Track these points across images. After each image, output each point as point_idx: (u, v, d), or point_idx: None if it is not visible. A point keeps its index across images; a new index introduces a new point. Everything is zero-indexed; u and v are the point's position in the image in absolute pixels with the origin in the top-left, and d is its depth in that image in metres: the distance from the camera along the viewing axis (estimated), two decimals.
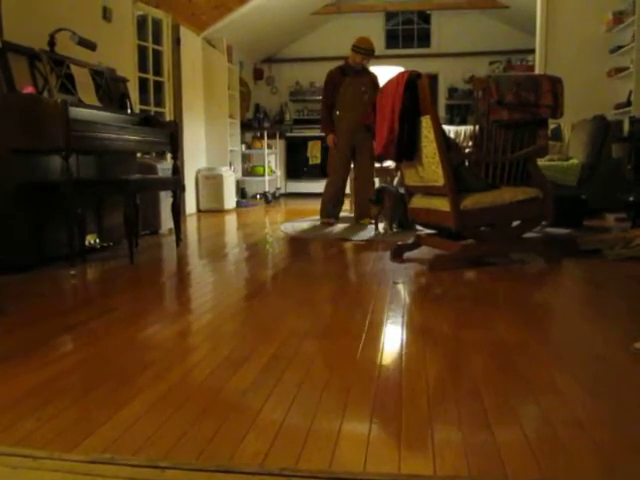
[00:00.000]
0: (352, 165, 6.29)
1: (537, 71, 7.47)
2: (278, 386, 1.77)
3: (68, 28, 4.39)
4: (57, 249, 3.91)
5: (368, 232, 5.46)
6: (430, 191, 3.89)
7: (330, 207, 6.25)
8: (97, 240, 4.45)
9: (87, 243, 4.30)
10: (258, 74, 11.78)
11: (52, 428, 1.49)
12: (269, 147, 10.28)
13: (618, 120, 6.48)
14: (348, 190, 6.55)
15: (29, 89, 3.82)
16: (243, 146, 10.36)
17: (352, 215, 6.46)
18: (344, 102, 6.12)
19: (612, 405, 1.61)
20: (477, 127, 3.85)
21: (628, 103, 6.71)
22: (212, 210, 8.19)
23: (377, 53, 10.06)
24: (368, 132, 5.88)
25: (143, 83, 6.89)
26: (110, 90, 4.80)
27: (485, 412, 1.55)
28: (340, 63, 6.29)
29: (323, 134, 6.42)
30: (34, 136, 3.59)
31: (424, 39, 11.38)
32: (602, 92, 7.10)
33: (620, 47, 6.95)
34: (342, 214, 6.47)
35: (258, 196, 10.39)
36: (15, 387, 1.78)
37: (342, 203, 6.35)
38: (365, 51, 6.05)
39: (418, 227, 4.87)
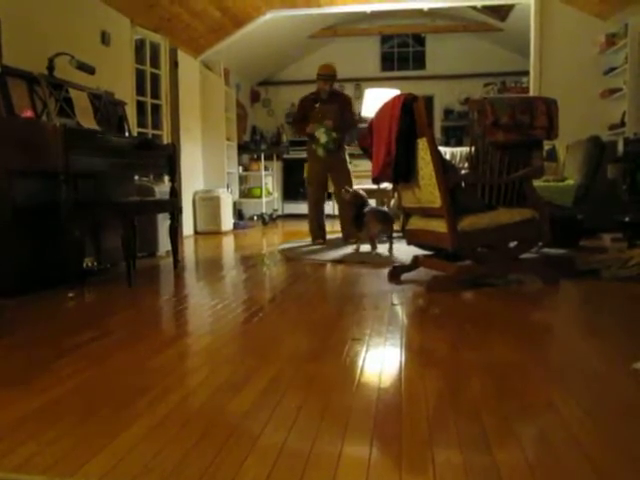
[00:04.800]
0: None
1: (532, 93, 7.54)
2: (278, 409, 1.76)
3: (67, 52, 4.43)
4: (55, 272, 3.91)
5: (363, 253, 5.47)
6: (427, 212, 3.91)
7: (316, 229, 6.46)
8: (95, 262, 4.45)
9: (85, 265, 4.30)
10: (255, 96, 11.86)
11: (52, 453, 1.49)
12: (266, 169, 10.33)
13: (613, 141, 6.54)
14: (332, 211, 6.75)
15: (28, 113, 3.85)
16: (240, 168, 10.40)
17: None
18: None
19: (611, 425, 1.61)
20: (473, 148, 3.88)
21: (622, 124, 6.77)
22: (209, 232, 8.19)
23: (373, 75, 10.12)
24: (341, 152, 6.13)
25: (141, 106, 6.94)
26: (108, 113, 4.83)
27: (485, 433, 1.55)
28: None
29: (304, 138, 6.63)
30: (33, 159, 3.61)
31: (419, 61, 11.50)
32: (596, 113, 7.17)
33: (613, 69, 7.03)
34: (333, 235, 6.59)
35: (255, 217, 10.41)
36: (14, 411, 1.77)
37: (324, 226, 6.61)
38: (323, 77, 6.36)
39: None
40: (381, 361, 2.30)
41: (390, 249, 5.38)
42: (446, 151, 6.95)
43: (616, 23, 6.99)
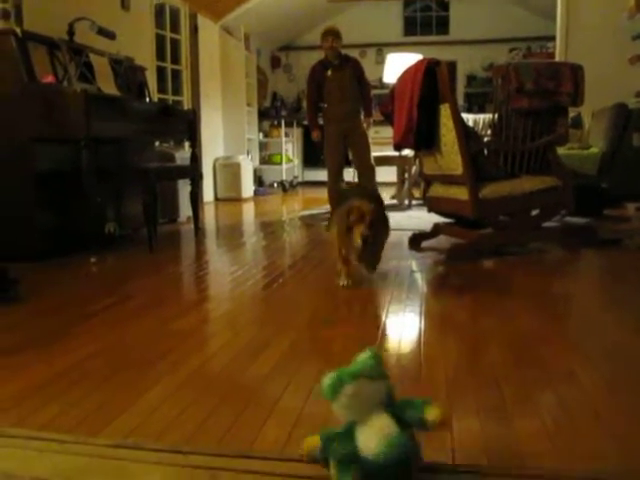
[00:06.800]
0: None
1: (557, 58, 7.37)
2: (298, 373, 1.78)
3: (87, 17, 4.40)
4: (77, 237, 3.95)
5: None
6: (448, 180, 3.87)
7: (336, 197, 6.35)
8: (117, 228, 4.48)
9: (107, 231, 4.34)
10: (275, 62, 11.75)
11: (76, 414, 1.52)
12: (286, 135, 10.28)
13: (639, 108, 6.39)
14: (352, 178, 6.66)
15: (49, 78, 3.85)
16: (260, 134, 10.36)
17: None
18: (330, 96, 6.20)
19: (631, 395, 1.61)
20: (496, 115, 3.82)
21: None
22: (230, 198, 8.21)
23: (395, 40, 9.94)
24: (358, 119, 5.99)
25: (161, 72, 6.91)
26: (129, 79, 4.82)
27: (504, 401, 1.55)
28: (321, 57, 6.36)
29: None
30: (54, 125, 3.62)
31: (443, 26, 11.28)
32: (623, 80, 6.99)
33: None
34: None
35: (275, 184, 10.39)
36: (39, 374, 1.81)
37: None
38: (326, 32, 6.10)
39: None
40: (400, 327, 2.31)
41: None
42: (469, 118, 6.86)
43: None
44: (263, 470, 1.20)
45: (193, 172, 4.74)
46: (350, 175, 6.80)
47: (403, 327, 2.31)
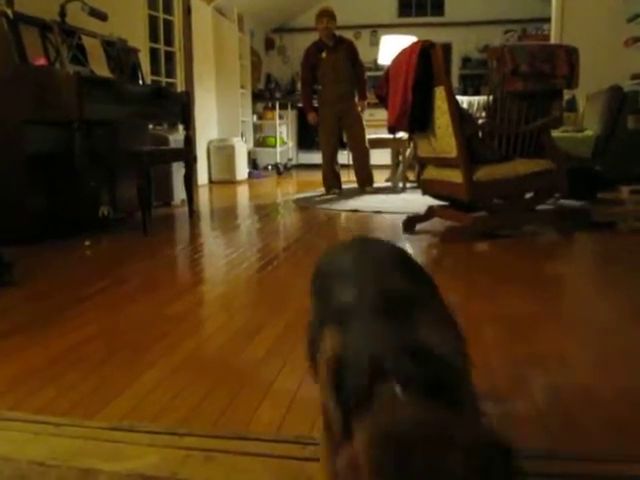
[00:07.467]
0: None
1: (553, 40, 7.34)
2: (292, 355, 1.79)
3: None
4: (71, 221, 3.94)
5: (375, 203, 5.45)
6: (443, 162, 3.87)
7: (330, 179, 6.38)
8: (111, 211, 4.47)
9: (101, 214, 4.33)
10: (269, 44, 11.67)
11: (72, 397, 1.53)
12: (280, 118, 10.24)
13: (634, 91, 6.37)
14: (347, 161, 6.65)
15: (41, 60, 3.82)
16: (254, 117, 10.32)
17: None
18: (324, 78, 6.21)
19: (623, 377, 1.62)
20: (491, 98, 3.81)
21: None
22: (224, 181, 8.19)
23: (389, 21, 9.90)
24: (352, 101, 5.98)
25: (154, 53, 6.86)
26: (121, 61, 4.78)
27: (496, 383, 1.56)
28: (315, 39, 6.36)
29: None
30: (46, 107, 3.60)
31: (438, 7, 11.19)
32: (618, 62, 6.97)
33: (638, 16, 6.80)
34: (348, 185, 6.55)
35: (270, 167, 10.36)
36: (34, 357, 1.81)
37: (339, 175, 6.53)
38: (320, 13, 6.11)
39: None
40: None
41: None
42: (463, 100, 6.84)
43: None
44: (258, 451, 1.21)
45: (187, 155, 4.72)
46: (345, 158, 6.79)
47: None
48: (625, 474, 1.13)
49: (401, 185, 6.75)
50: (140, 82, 5.03)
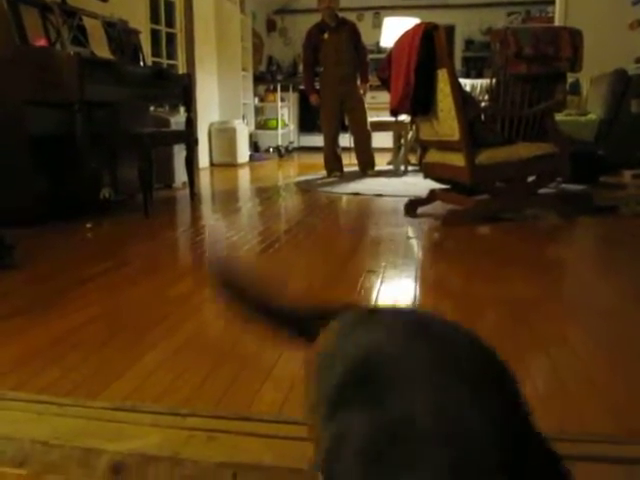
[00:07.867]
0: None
1: (557, 23, 7.29)
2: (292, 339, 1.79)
3: None
4: (72, 202, 3.94)
5: (377, 186, 5.44)
6: (445, 146, 3.86)
7: (332, 162, 6.35)
8: (112, 193, 4.47)
9: (102, 196, 4.32)
10: (271, 25, 11.58)
11: (75, 377, 1.53)
12: (282, 100, 10.18)
13: (639, 74, 6.34)
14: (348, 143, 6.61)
15: (41, 41, 3.80)
16: (256, 99, 10.27)
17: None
18: (326, 59, 6.16)
19: (624, 360, 1.63)
20: (494, 80, 3.79)
21: None
22: (225, 164, 8.16)
23: (392, 3, 9.79)
24: (354, 84, 5.94)
25: (155, 35, 6.81)
26: (123, 42, 4.75)
27: None
28: (317, 20, 6.31)
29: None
30: (47, 88, 3.58)
31: None
32: (623, 45, 6.92)
33: None
34: (350, 168, 6.53)
35: (271, 149, 10.33)
36: (36, 338, 1.82)
37: (340, 158, 6.50)
38: None
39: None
40: (396, 293, 2.32)
41: None
42: (466, 83, 6.79)
43: None
44: (260, 432, 1.21)
45: (188, 137, 4.71)
46: (346, 140, 6.76)
47: (398, 292, 2.33)
48: (626, 456, 1.14)
49: (403, 168, 6.72)
50: (141, 64, 5.00)
